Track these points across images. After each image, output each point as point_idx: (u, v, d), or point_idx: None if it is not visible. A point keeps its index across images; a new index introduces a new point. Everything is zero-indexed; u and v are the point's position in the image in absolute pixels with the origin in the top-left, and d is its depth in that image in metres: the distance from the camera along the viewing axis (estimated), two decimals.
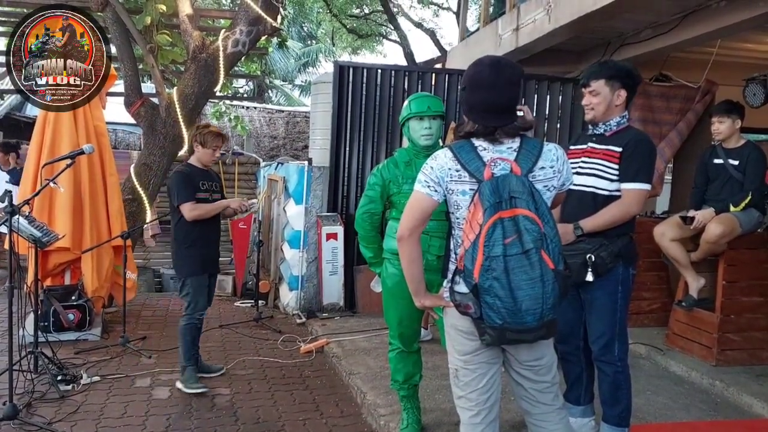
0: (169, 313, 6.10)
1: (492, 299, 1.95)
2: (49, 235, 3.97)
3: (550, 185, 2.15)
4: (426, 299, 2.28)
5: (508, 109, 2.11)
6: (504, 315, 1.95)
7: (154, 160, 6.24)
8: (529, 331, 1.99)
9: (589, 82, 2.90)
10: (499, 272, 1.92)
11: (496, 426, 2.26)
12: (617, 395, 2.92)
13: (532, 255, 1.93)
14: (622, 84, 2.86)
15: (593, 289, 2.90)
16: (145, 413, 3.69)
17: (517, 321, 1.96)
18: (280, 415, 3.74)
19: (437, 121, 3.11)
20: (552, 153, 2.16)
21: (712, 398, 3.97)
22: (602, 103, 2.88)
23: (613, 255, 2.83)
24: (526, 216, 1.95)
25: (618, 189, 2.85)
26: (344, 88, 5.97)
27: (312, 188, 5.95)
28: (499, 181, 1.98)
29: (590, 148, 2.96)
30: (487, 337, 2.04)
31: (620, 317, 2.91)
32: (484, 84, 2.11)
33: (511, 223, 1.94)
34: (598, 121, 2.94)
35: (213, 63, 6.22)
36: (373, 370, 4.32)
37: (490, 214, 1.94)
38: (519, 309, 1.94)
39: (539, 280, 1.94)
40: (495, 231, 1.93)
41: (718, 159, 4.46)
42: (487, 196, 1.96)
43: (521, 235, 1.93)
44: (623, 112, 2.92)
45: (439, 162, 2.13)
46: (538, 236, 1.95)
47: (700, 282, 4.53)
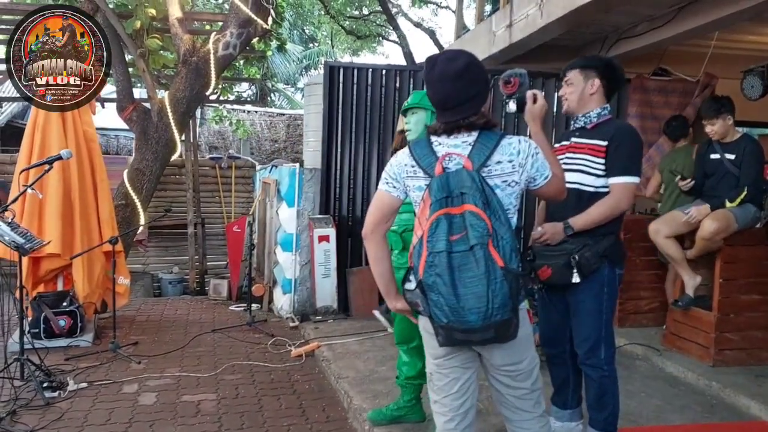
0: (163, 318, 6.08)
1: (436, 296, 1.91)
2: (33, 241, 3.94)
3: (510, 180, 2.06)
4: (398, 301, 2.21)
5: (446, 106, 2.05)
6: (447, 313, 1.91)
7: (146, 165, 6.23)
8: (473, 331, 1.92)
9: (566, 73, 2.87)
10: (441, 268, 1.89)
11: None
12: (603, 400, 2.83)
13: (476, 251, 1.88)
14: (597, 74, 2.81)
15: (577, 292, 2.82)
16: (129, 419, 3.65)
17: (460, 320, 1.90)
18: (264, 420, 3.69)
19: (416, 114, 3.11)
20: (512, 146, 2.05)
21: (707, 399, 3.88)
22: (575, 92, 2.83)
23: (598, 255, 2.74)
24: (473, 212, 1.90)
25: (604, 185, 2.78)
26: (335, 89, 5.92)
27: (303, 190, 5.91)
28: (450, 177, 1.94)
29: (573, 143, 2.89)
30: (440, 337, 2.00)
31: (606, 320, 2.82)
32: (425, 80, 2.13)
33: (460, 219, 1.90)
34: (573, 112, 2.89)
35: (204, 66, 6.20)
36: (362, 373, 4.26)
37: (435, 209, 1.92)
38: (462, 307, 1.88)
39: (484, 277, 1.87)
40: (438, 226, 1.90)
41: (715, 154, 4.38)
42: (435, 192, 1.93)
43: (468, 231, 1.89)
44: (602, 103, 2.85)
45: (399, 159, 2.13)
46: (485, 232, 1.89)
47: (696, 280, 4.44)
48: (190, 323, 5.86)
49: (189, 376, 4.37)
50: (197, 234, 7.88)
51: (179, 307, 6.55)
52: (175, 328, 5.66)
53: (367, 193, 6.03)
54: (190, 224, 7.71)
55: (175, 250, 8.45)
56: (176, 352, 4.92)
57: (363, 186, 6.03)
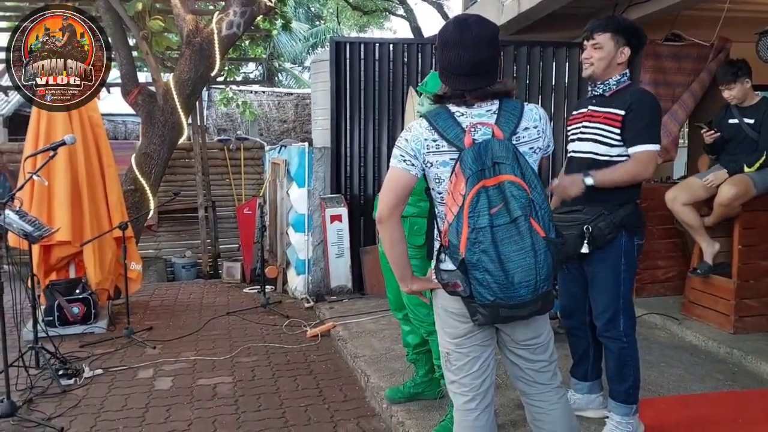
0: (177, 302, 6.07)
1: (481, 274, 1.82)
2: (42, 229, 3.91)
3: (536, 146, 2.01)
4: (413, 283, 2.12)
5: (478, 70, 1.95)
6: (495, 290, 1.82)
7: (154, 149, 6.18)
8: (524, 305, 1.87)
9: (594, 35, 2.70)
10: (486, 244, 1.80)
11: (492, 411, 2.14)
12: (623, 371, 2.77)
13: (520, 223, 1.81)
14: (627, 41, 2.69)
15: (595, 262, 2.75)
16: (146, 405, 3.65)
17: (510, 295, 1.83)
18: (281, 402, 3.67)
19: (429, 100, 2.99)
20: (534, 112, 2.01)
21: (729, 368, 3.83)
22: (604, 59, 2.70)
23: (613, 225, 2.67)
24: (512, 182, 1.82)
25: (619, 154, 2.69)
26: (342, 65, 5.81)
27: (314, 170, 5.84)
28: (481, 147, 1.84)
29: (590, 111, 2.80)
30: (480, 316, 1.92)
31: (624, 290, 2.76)
32: (451, 43, 1.95)
33: (496, 191, 1.81)
34: (596, 79, 2.76)
35: (208, 47, 6.11)
36: (378, 352, 4.24)
37: (473, 183, 1.81)
38: (511, 282, 1.81)
39: (530, 249, 1.81)
40: (479, 200, 1.80)
41: (733, 119, 4.29)
42: (469, 165, 1.82)
43: (508, 203, 1.80)
44: (623, 70, 2.75)
45: (414, 133, 1.98)
46: (526, 203, 1.81)
47: (714, 247, 4.38)
48: (204, 307, 5.86)
49: (204, 359, 4.37)
50: (208, 217, 7.85)
51: (193, 291, 6.55)
52: (190, 312, 5.66)
53: (378, 170, 5.95)
54: (201, 207, 7.68)
55: (187, 234, 8.43)
56: (191, 336, 4.91)
57: (374, 163, 5.95)
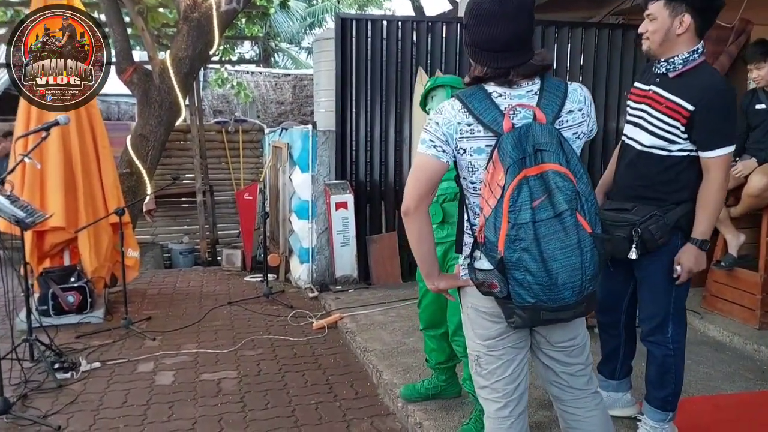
0: (176, 290, 5.86)
1: (522, 275, 1.64)
2: (34, 214, 3.68)
3: (580, 132, 1.81)
4: (440, 281, 1.95)
5: (522, 44, 1.73)
6: (537, 292, 1.65)
7: (150, 130, 5.92)
8: (567, 308, 1.70)
9: (647, 4, 2.37)
10: (528, 242, 1.62)
11: (526, 418, 1.97)
12: (665, 378, 2.56)
13: (566, 218, 1.62)
14: (687, 6, 2.28)
15: (646, 265, 2.49)
16: (147, 401, 3.45)
17: (554, 298, 1.66)
18: (290, 399, 3.48)
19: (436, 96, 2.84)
20: (578, 93, 1.81)
21: (758, 365, 3.66)
22: (659, 32, 2.34)
23: (667, 228, 2.39)
24: (557, 171, 1.63)
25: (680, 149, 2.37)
26: (347, 44, 5.55)
27: (318, 154, 5.60)
28: (521, 133, 1.65)
29: (653, 93, 2.43)
30: (517, 318, 1.74)
31: (677, 296, 2.51)
32: (489, 15, 1.71)
33: (538, 181, 1.62)
34: (655, 55, 2.40)
35: (206, 23, 5.83)
36: (389, 345, 4.04)
37: (514, 173, 1.62)
38: (555, 283, 1.64)
39: (576, 247, 1.63)
40: (521, 193, 1.61)
41: (760, 104, 4.10)
42: (509, 152, 1.63)
43: (552, 195, 1.62)
44: (692, 44, 2.33)
45: (446, 116, 1.77)
46: (572, 195, 1.63)
47: (740, 239, 4.20)
48: (204, 296, 5.64)
49: (207, 352, 4.17)
50: (206, 202, 7.61)
51: (192, 279, 6.33)
52: (189, 301, 5.44)
53: (385, 155, 5.73)
54: (199, 192, 7.44)
55: (184, 220, 8.20)
56: (192, 327, 4.70)
57: (381, 148, 5.72)
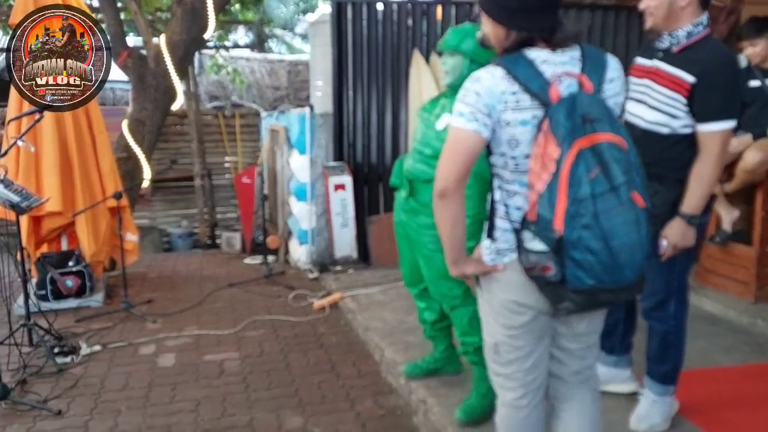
0: (175, 273, 5.88)
1: (582, 254, 1.52)
2: (30, 199, 3.67)
3: (618, 102, 1.74)
4: (467, 266, 1.81)
5: (557, 3, 1.67)
6: (598, 273, 1.54)
7: (146, 114, 5.91)
8: (626, 288, 1.61)
9: None
10: (588, 218, 1.51)
11: (542, 407, 1.92)
12: (666, 354, 2.58)
13: (621, 192, 1.53)
14: None
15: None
16: (149, 384, 3.47)
17: (615, 278, 1.56)
18: (293, 378, 3.51)
19: (454, 58, 2.68)
20: (615, 62, 1.74)
21: (754, 338, 3.70)
22: (662, 6, 2.30)
23: (670, 204, 2.36)
24: (612, 142, 1.54)
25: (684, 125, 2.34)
26: (344, 27, 5.54)
27: (316, 137, 5.61)
28: (571, 102, 1.56)
29: (656, 69, 2.39)
30: (568, 303, 1.63)
31: (680, 272, 2.51)
32: None
33: (591, 153, 1.52)
34: (659, 30, 2.37)
35: (201, 6, 5.80)
36: (391, 324, 4.08)
37: (569, 144, 1.52)
38: (616, 262, 1.54)
39: (634, 222, 1.55)
40: (579, 166, 1.51)
41: (755, 81, 4.08)
42: (562, 123, 1.53)
43: (607, 168, 1.52)
44: (695, 16, 2.30)
45: (486, 84, 1.62)
46: (628, 167, 1.55)
47: (734, 214, 4.22)
48: (204, 278, 5.66)
49: (209, 334, 4.19)
50: (204, 186, 7.62)
51: (191, 262, 6.34)
52: (189, 284, 5.46)
53: (382, 137, 5.73)
54: (197, 176, 7.44)
55: (182, 203, 8.20)
56: (193, 310, 4.73)
57: (378, 130, 5.72)
